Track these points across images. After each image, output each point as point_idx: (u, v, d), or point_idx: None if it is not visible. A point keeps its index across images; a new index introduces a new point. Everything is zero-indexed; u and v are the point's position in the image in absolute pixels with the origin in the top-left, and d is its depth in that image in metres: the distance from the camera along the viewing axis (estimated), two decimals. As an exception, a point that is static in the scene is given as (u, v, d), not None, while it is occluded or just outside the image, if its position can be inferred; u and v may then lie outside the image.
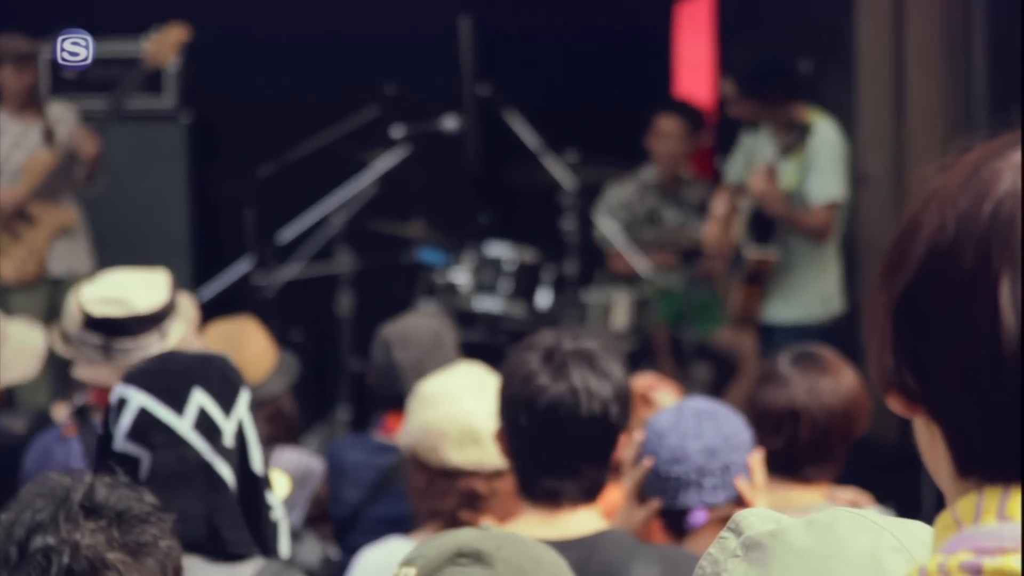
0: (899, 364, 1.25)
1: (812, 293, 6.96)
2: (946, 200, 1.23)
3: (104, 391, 3.75)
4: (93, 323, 3.73)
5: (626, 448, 3.00)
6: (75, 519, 2.33)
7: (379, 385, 4.55)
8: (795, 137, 6.92)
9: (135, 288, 3.75)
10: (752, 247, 6.93)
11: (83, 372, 3.78)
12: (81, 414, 3.80)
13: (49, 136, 7.09)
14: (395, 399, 4.44)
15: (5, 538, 2.34)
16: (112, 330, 3.71)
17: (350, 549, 4.26)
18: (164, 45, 6.57)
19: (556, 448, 2.93)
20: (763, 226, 6.98)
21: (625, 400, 2.97)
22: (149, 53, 6.62)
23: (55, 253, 7.22)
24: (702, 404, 3.23)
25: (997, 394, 1.19)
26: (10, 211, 7.11)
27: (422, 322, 4.65)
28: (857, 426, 3.57)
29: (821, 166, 6.89)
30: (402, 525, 4.11)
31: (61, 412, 4.56)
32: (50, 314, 6.63)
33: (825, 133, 6.96)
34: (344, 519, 4.36)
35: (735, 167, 7.24)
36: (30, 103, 7.15)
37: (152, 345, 3.72)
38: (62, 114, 7.18)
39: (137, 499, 2.38)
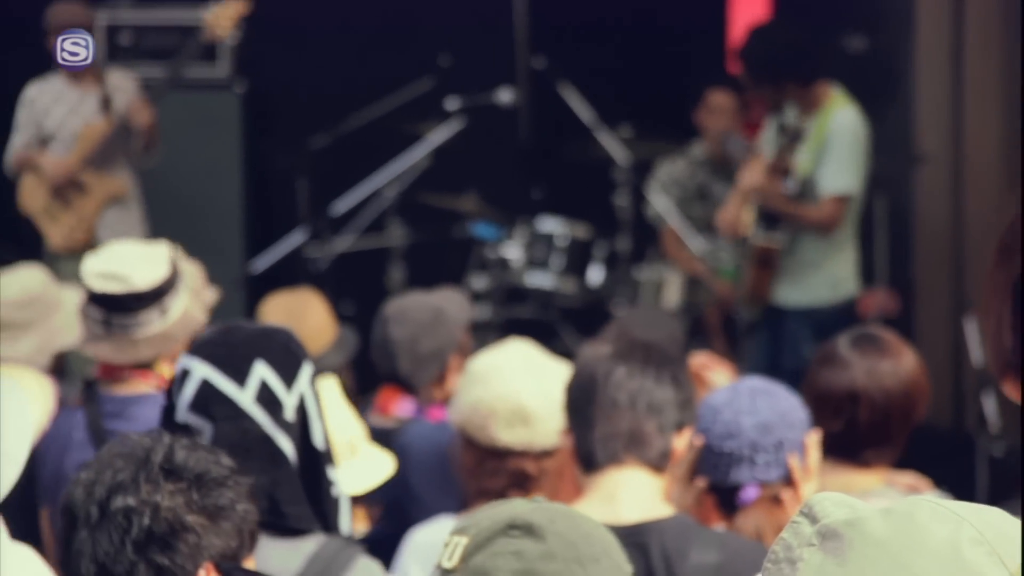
0: (1020, 345, 1.23)
1: (821, 277, 6.71)
2: None
3: (107, 366, 3.76)
4: (94, 298, 3.72)
5: (682, 438, 2.99)
6: (156, 480, 2.32)
7: (377, 360, 4.53)
8: (787, 140, 6.65)
9: (135, 264, 3.71)
10: (759, 233, 6.76)
11: (87, 347, 3.77)
12: (89, 386, 3.79)
13: (106, 104, 7.09)
14: (390, 375, 4.43)
15: (86, 497, 2.34)
16: (111, 306, 3.69)
17: None
18: (224, 17, 6.55)
19: (619, 424, 2.93)
20: (771, 212, 6.81)
21: (688, 402, 2.98)
22: (208, 24, 6.61)
23: (105, 222, 7.23)
24: (758, 383, 3.21)
25: None
26: (61, 178, 7.13)
27: (423, 299, 4.57)
28: (917, 409, 3.53)
29: (834, 155, 6.58)
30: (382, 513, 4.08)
31: None
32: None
33: (843, 119, 6.63)
34: None
35: (767, 143, 7.09)
36: (87, 70, 7.15)
37: (152, 322, 3.69)
38: (121, 83, 7.18)
39: (215, 462, 2.37)
